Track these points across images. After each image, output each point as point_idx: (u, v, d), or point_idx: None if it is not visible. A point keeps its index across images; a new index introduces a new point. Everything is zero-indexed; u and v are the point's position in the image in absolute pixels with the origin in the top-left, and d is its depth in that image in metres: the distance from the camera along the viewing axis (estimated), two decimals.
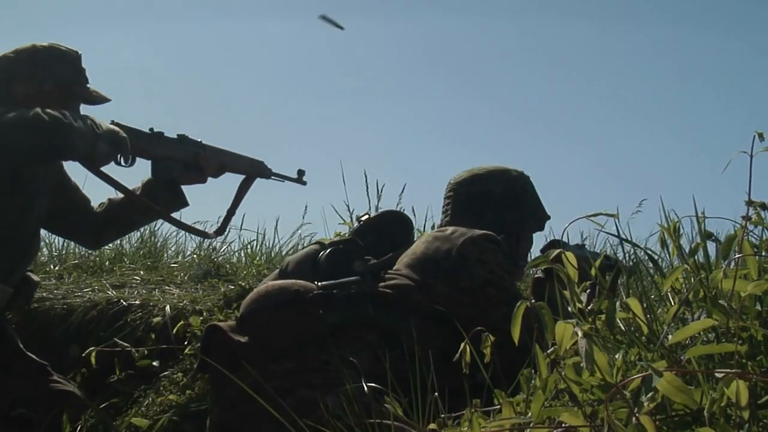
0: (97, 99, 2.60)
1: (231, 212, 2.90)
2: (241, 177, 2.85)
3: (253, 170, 2.83)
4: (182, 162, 2.64)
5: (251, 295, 1.88)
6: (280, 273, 2.04)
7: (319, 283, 1.83)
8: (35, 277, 2.63)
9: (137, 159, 2.58)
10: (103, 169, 2.49)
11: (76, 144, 2.30)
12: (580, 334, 1.01)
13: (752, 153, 1.19)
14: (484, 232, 2.00)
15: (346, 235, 2.28)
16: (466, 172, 2.27)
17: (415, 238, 2.16)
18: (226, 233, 3.40)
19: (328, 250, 1.98)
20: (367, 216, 2.21)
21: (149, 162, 2.63)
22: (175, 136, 2.63)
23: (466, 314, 1.83)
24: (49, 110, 2.27)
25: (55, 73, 2.53)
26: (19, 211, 2.49)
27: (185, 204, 2.78)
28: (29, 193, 2.52)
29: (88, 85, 2.60)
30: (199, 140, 2.68)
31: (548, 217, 2.31)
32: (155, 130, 2.59)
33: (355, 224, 2.24)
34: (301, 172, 2.93)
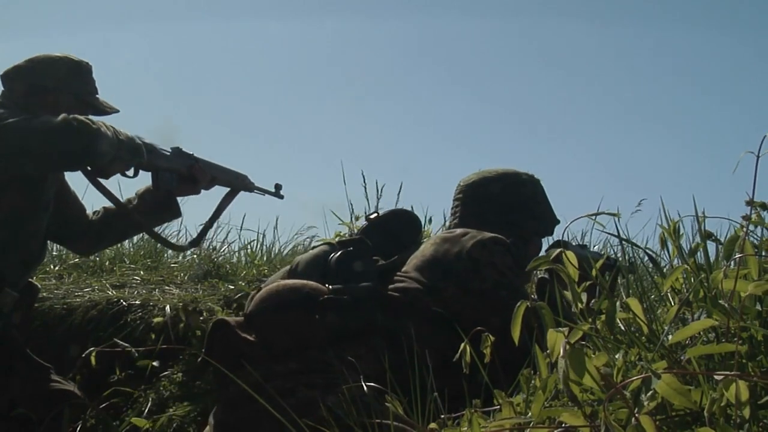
0: (107, 110, 2.64)
1: (209, 224, 2.95)
2: (225, 190, 2.88)
3: (237, 183, 2.88)
4: (178, 173, 2.67)
5: (261, 293, 1.85)
6: (290, 272, 2.02)
7: (330, 287, 1.81)
8: (36, 284, 2.67)
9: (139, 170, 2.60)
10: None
11: (104, 149, 2.31)
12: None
13: (759, 153, 1.18)
14: (493, 235, 1.98)
15: (355, 232, 2.25)
16: (475, 174, 2.24)
17: (422, 239, 2.14)
18: (201, 245, 3.50)
19: (338, 253, 1.95)
20: (375, 214, 2.17)
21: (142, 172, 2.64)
22: (169, 149, 2.65)
23: (476, 317, 1.79)
24: (76, 116, 2.28)
25: (71, 85, 2.56)
26: (34, 220, 2.51)
27: (179, 215, 2.83)
28: (43, 202, 2.54)
29: (97, 96, 2.64)
30: (192, 153, 2.71)
31: (558, 222, 2.28)
32: (147, 141, 2.59)
33: (363, 222, 2.21)
34: (278, 186, 2.99)
